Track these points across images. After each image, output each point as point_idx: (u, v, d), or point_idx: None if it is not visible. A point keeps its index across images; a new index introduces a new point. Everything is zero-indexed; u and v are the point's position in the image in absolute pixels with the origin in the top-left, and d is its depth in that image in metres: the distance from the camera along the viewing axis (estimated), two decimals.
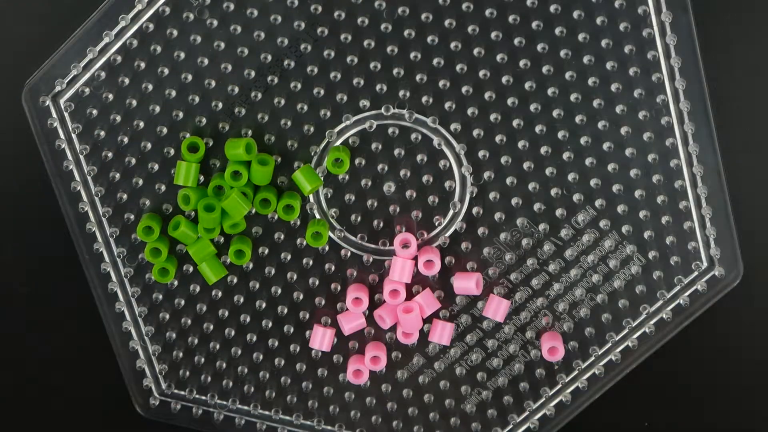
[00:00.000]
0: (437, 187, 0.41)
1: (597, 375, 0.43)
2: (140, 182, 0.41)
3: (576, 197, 0.41)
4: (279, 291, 0.42)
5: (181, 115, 0.40)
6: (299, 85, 0.40)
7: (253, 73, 0.40)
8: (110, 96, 0.40)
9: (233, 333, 0.42)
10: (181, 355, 0.42)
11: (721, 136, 0.41)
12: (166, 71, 0.39)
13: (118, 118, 0.40)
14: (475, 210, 0.41)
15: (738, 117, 0.42)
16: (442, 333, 0.42)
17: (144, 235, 0.40)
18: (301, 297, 0.42)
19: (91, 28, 0.39)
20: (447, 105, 0.40)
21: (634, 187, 0.41)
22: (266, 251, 0.41)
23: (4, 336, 0.44)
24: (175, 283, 0.42)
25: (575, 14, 0.39)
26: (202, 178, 0.40)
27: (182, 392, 0.43)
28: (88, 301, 0.42)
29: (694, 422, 0.45)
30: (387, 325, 0.42)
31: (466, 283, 0.41)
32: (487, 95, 0.40)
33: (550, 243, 0.42)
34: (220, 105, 0.40)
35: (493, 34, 0.39)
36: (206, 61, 0.39)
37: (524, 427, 0.43)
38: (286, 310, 0.42)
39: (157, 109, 0.40)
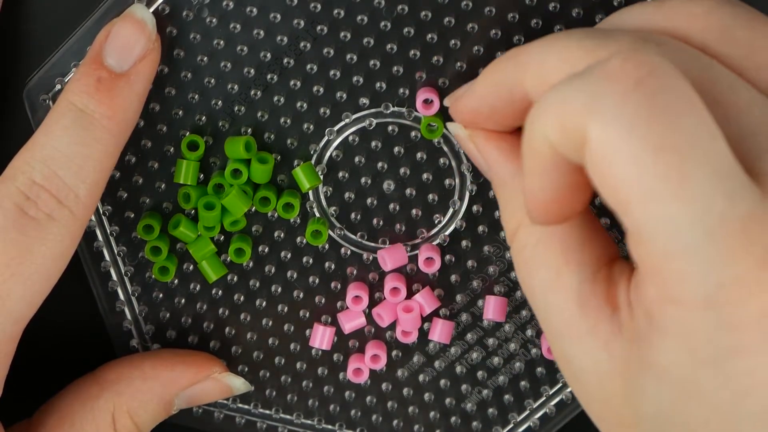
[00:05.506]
0: (437, 185, 0.41)
1: None
2: (140, 180, 0.41)
3: None
4: (279, 289, 0.42)
5: (180, 113, 0.40)
6: (299, 84, 0.40)
7: (252, 72, 0.40)
8: None
9: (233, 332, 0.42)
10: None
11: None
12: (166, 70, 0.40)
13: None
14: (474, 208, 0.41)
15: None
16: (442, 331, 0.42)
17: (144, 233, 0.40)
18: (301, 295, 0.42)
19: (92, 27, 0.39)
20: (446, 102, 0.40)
21: None
22: (266, 249, 0.41)
23: None
24: (176, 281, 0.42)
25: (574, 12, 0.39)
26: (202, 176, 0.41)
27: None
28: (88, 299, 0.42)
29: None
30: (385, 323, 0.41)
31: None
32: None
33: None
34: (220, 103, 0.40)
35: (491, 32, 0.39)
36: (206, 60, 0.40)
37: (525, 426, 0.43)
38: (286, 309, 0.42)
39: (157, 107, 0.40)
